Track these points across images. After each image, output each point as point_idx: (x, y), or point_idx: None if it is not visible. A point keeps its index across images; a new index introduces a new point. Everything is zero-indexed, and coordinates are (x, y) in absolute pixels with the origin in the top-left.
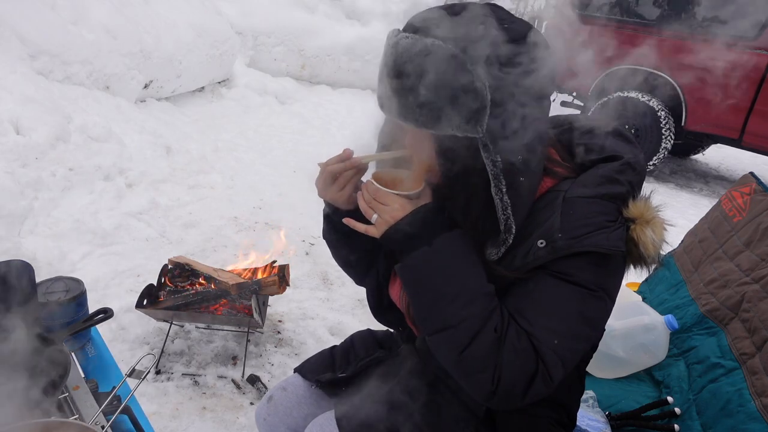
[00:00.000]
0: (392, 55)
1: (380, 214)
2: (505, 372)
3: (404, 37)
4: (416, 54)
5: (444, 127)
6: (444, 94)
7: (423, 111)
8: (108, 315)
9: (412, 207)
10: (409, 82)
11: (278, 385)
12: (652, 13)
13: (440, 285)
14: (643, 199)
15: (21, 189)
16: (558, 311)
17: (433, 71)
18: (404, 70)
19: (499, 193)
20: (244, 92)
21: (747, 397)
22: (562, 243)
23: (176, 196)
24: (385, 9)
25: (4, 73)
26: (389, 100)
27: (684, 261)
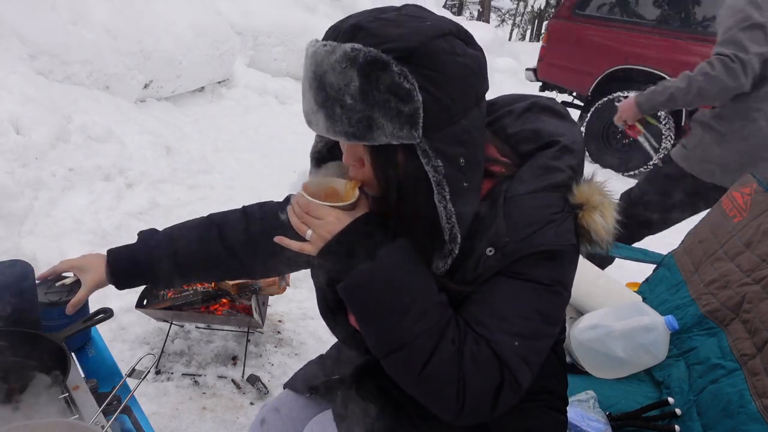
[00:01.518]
0: (311, 66)
1: (314, 229)
2: (470, 385)
3: (321, 45)
4: (336, 61)
5: (378, 137)
6: (372, 102)
7: (351, 123)
8: (108, 315)
9: (349, 219)
10: (332, 93)
11: (270, 407)
12: (652, 13)
13: (388, 301)
14: (587, 183)
15: (21, 189)
16: (515, 312)
17: (356, 78)
18: (326, 80)
19: (443, 201)
20: (244, 92)
21: (748, 398)
22: (511, 247)
23: (176, 196)
24: None
25: (4, 73)
26: (314, 115)
27: (684, 261)
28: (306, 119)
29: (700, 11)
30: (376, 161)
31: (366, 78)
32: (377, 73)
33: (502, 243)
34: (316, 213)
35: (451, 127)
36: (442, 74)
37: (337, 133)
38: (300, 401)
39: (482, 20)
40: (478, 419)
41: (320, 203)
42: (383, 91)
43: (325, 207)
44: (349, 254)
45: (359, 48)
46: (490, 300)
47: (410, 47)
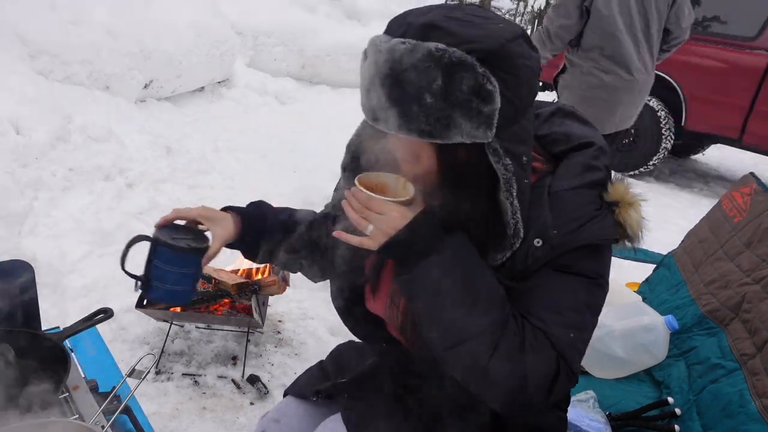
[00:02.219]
0: (387, 63)
1: (377, 224)
2: (530, 375)
3: (399, 42)
4: (419, 60)
5: (453, 136)
6: (454, 102)
7: (429, 121)
8: (108, 315)
9: (411, 214)
10: (411, 91)
11: (270, 417)
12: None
13: (456, 294)
14: (619, 182)
15: (21, 189)
16: (568, 305)
17: (440, 78)
18: (404, 78)
19: (510, 198)
20: (244, 92)
21: (747, 397)
22: (558, 240)
23: (176, 196)
24: (385, 9)
25: (4, 73)
26: (385, 111)
27: (684, 261)
28: (370, 116)
29: (700, 11)
30: (442, 159)
31: (450, 78)
32: (461, 73)
33: (549, 235)
34: (378, 208)
35: (515, 126)
36: (516, 76)
37: (411, 131)
38: (300, 410)
39: None
40: (533, 408)
41: (382, 198)
42: (466, 91)
43: (387, 202)
44: (413, 249)
45: (444, 48)
46: (543, 294)
47: (491, 49)
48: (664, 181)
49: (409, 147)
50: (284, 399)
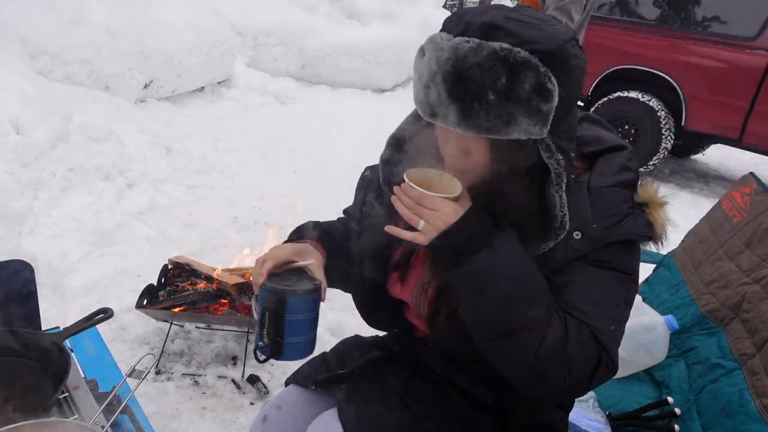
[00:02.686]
0: (450, 61)
1: (429, 220)
2: (574, 366)
3: (464, 41)
4: (485, 59)
5: (511, 133)
6: (516, 100)
7: (490, 118)
8: (108, 315)
9: (462, 210)
10: (474, 89)
11: (272, 404)
12: (652, 13)
13: (507, 287)
14: (649, 184)
15: (21, 189)
16: (607, 298)
17: (505, 77)
18: (468, 76)
19: (559, 191)
20: (244, 92)
21: (747, 397)
22: (597, 234)
23: (176, 196)
24: (385, 9)
25: (4, 73)
26: (445, 108)
27: (684, 261)
28: (428, 111)
29: (700, 11)
30: (493, 154)
31: (514, 77)
32: (525, 72)
33: (589, 229)
34: (431, 205)
35: (564, 123)
36: (570, 76)
37: (470, 127)
38: (302, 398)
39: None
40: (575, 396)
41: (434, 195)
42: (528, 90)
43: (439, 199)
44: (466, 243)
45: (509, 48)
46: (585, 288)
47: (551, 50)
48: (664, 181)
49: (460, 142)
50: (286, 387)
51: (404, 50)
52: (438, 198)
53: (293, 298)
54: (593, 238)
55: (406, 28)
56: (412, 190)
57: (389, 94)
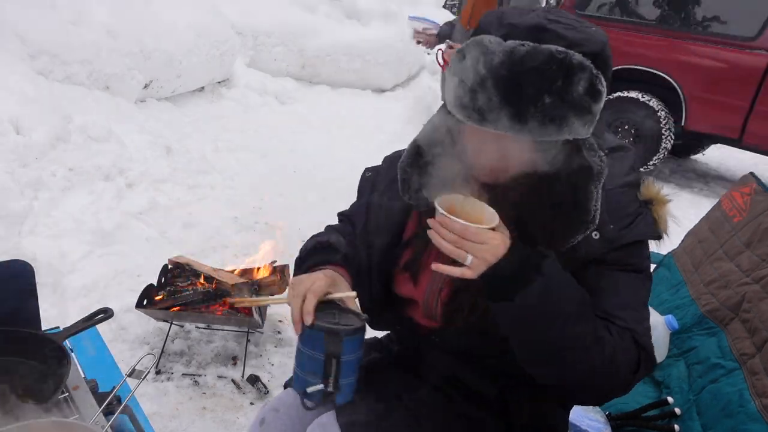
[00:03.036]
0: (506, 65)
1: (478, 254)
2: (621, 371)
3: (519, 45)
4: (543, 62)
5: (563, 134)
6: (571, 102)
7: (544, 121)
8: (108, 315)
9: (508, 240)
10: (530, 92)
11: (269, 407)
12: (652, 13)
13: (562, 310)
14: (651, 182)
15: (21, 189)
16: (636, 300)
17: (561, 79)
18: (524, 79)
19: (598, 186)
20: (244, 92)
21: (747, 397)
22: (613, 234)
23: (176, 196)
24: (385, 9)
25: (4, 73)
26: (496, 112)
27: (684, 261)
28: (474, 117)
29: (700, 11)
30: (534, 155)
31: (570, 79)
32: (579, 75)
33: (606, 229)
34: (477, 238)
35: (599, 123)
36: (608, 77)
37: (522, 131)
38: (298, 401)
39: None
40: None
41: (478, 227)
42: (581, 92)
43: (484, 231)
44: (519, 274)
45: (565, 51)
46: (616, 294)
47: (596, 51)
48: (664, 181)
49: (500, 146)
50: (284, 390)
51: (404, 50)
52: (484, 230)
53: (349, 338)
54: (610, 239)
55: (406, 28)
56: (454, 224)
57: (389, 94)
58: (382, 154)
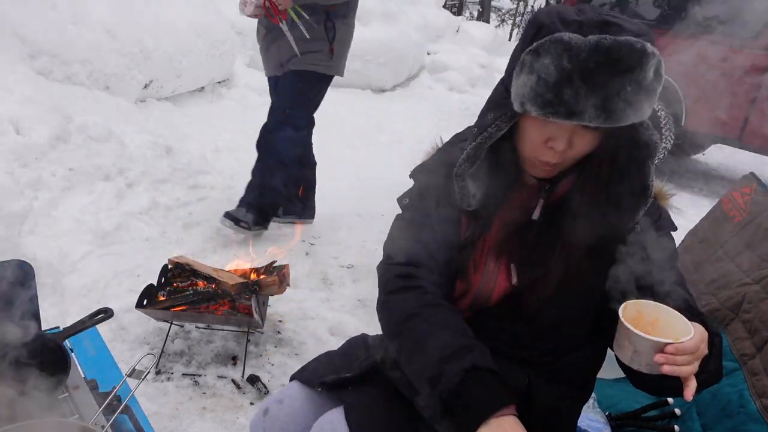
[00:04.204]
0: (592, 58)
1: (701, 356)
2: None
3: (603, 39)
4: (626, 53)
5: (638, 118)
6: (648, 88)
7: (626, 108)
8: (108, 315)
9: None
10: (616, 83)
11: (273, 398)
12: (652, 13)
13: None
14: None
15: (21, 189)
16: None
17: (640, 69)
18: (612, 70)
19: (653, 162)
20: (244, 92)
21: (747, 398)
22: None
23: (176, 196)
24: (385, 9)
25: (4, 73)
26: (584, 105)
27: (684, 261)
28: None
29: (700, 11)
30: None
31: (646, 66)
32: (651, 61)
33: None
34: (702, 340)
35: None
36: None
37: (608, 120)
38: (304, 393)
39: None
40: None
41: (697, 336)
42: (652, 78)
43: (698, 330)
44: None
45: (641, 41)
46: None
47: (653, 39)
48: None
49: (568, 137)
50: (290, 383)
51: (404, 50)
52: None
53: None
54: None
55: (406, 28)
56: (686, 346)
57: (389, 94)
58: (382, 154)
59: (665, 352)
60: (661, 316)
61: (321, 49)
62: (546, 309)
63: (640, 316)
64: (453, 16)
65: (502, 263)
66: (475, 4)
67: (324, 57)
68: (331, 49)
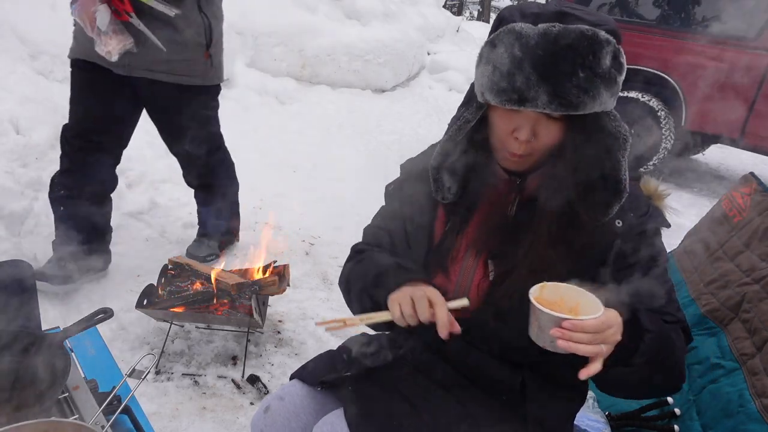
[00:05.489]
0: (540, 45)
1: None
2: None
3: (551, 26)
4: (575, 39)
5: (595, 106)
6: (602, 75)
7: (579, 94)
8: (108, 315)
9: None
10: (565, 69)
11: (275, 395)
12: (652, 13)
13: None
14: (650, 178)
15: (21, 189)
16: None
17: (592, 54)
18: (561, 57)
19: (624, 155)
20: (244, 92)
21: (747, 397)
22: (634, 221)
23: (176, 196)
24: (385, 9)
25: (4, 73)
26: (533, 90)
27: (684, 261)
28: (513, 97)
29: (700, 11)
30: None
31: (600, 53)
32: (607, 48)
33: (627, 217)
34: (608, 324)
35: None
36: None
37: (561, 105)
38: (304, 390)
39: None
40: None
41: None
42: (609, 64)
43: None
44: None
45: (592, 29)
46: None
47: (614, 29)
48: (664, 182)
49: (533, 127)
50: (290, 381)
51: (404, 50)
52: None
53: None
54: (631, 225)
55: (406, 28)
56: (585, 324)
57: (389, 94)
58: (382, 155)
59: (563, 327)
60: (582, 301)
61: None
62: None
63: (561, 300)
64: (453, 16)
65: (480, 259)
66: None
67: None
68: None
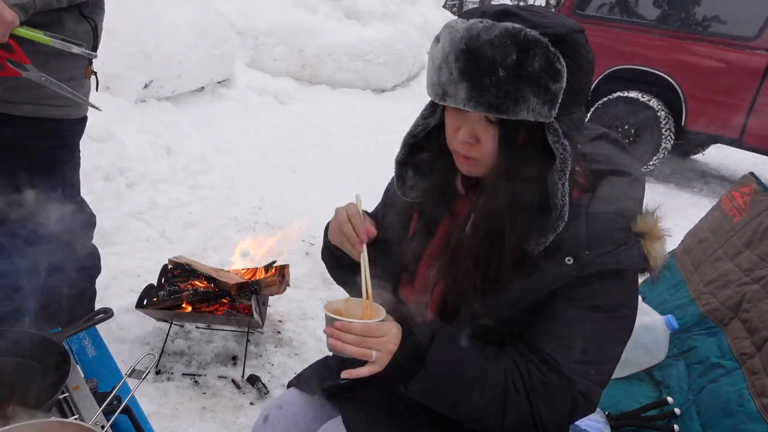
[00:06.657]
0: (464, 39)
1: (382, 347)
2: (545, 415)
3: (477, 21)
4: (497, 36)
5: (520, 112)
6: (526, 77)
7: (499, 95)
8: (108, 315)
9: (398, 327)
10: (485, 65)
11: (273, 404)
12: (652, 13)
13: (459, 381)
14: (650, 214)
15: None
16: (590, 343)
17: (515, 53)
18: (480, 53)
19: (562, 179)
20: (244, 92)
21: (747, 397)
22: (588, 260)
23: (176, 196)
24: (385, 9)
25: None
26: (455, 86)
27: (684, 261)
28: (438, 91)
29: (700, 11)
30: (503, 137)
31: (525, 54)
32: (535, 50)
33: (581, 255)
34: (379, 332)
35: (573, 113)
36: (579, 64)
37: (479, 104)
38: (302, 398)
39: None
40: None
41: (378, 322)
42: (537, 68)
43: (382, 324)
44: (418, 354)
45: (520, 27)
46: (564, 333)
47: (561, 34)
48: (664, 181)
49: (470, 128)
50: (287, 390)
51: (404, 50)
52: (382, 323)
53: None
54: (584, 264)
55: (406, 28)
56: (353, 326)
57: (389, 94)
58: (382, 155)
59: (334, 327)
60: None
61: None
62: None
63: (369, 315)
64: (453, 16)
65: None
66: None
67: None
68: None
